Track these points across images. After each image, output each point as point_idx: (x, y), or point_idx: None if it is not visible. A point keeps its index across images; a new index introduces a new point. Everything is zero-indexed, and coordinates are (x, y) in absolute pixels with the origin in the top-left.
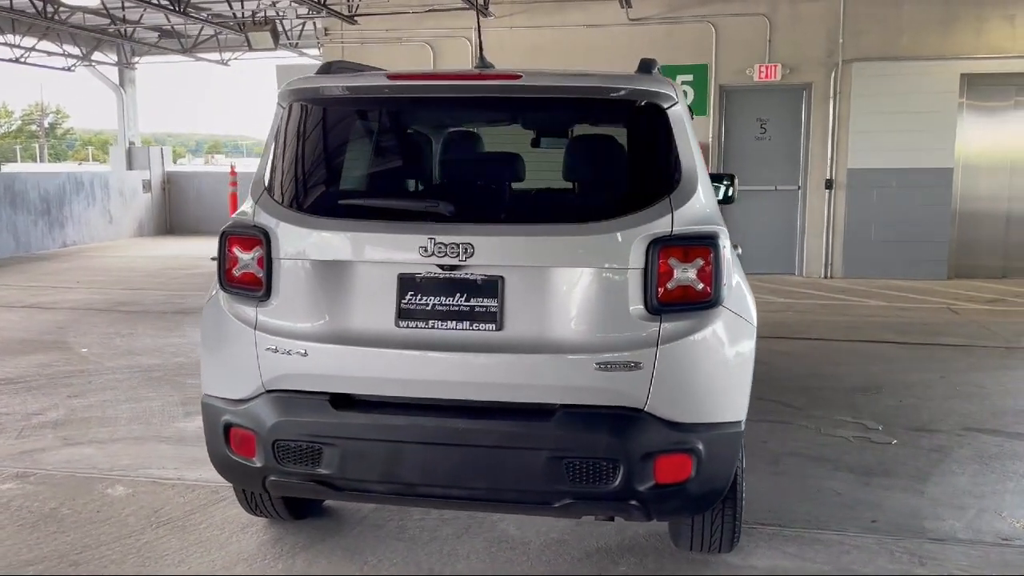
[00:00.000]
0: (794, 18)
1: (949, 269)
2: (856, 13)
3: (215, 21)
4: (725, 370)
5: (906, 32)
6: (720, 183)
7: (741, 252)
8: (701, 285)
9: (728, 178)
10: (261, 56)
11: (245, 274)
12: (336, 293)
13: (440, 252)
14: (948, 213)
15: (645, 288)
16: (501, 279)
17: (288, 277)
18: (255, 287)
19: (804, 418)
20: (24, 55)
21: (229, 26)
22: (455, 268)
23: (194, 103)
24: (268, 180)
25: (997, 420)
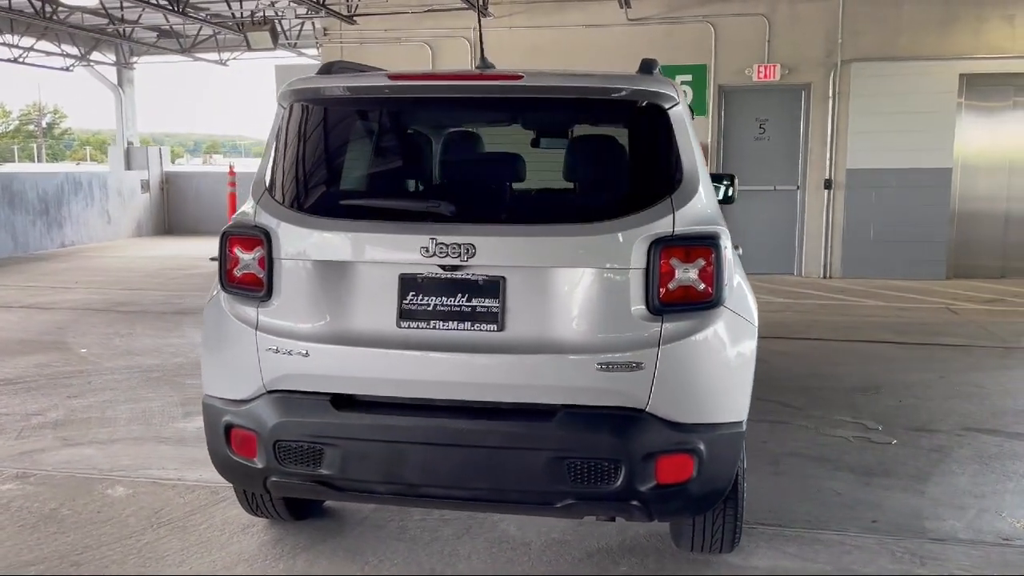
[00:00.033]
0: (793, 18)
1: (948, 269)
2: (855, 13)
3: (214, 21)
4: (726, 370)
5: (905, 32)
6: (720, 183)
7: (742, 252)
8: (702, 285)
9: (728, 178)
10: (260, 56)
11: (246, 274)
12: (337, 293)
13: (442, 252)
14: (947, 213)
15: (647, 288)
16: (503, 279)
17: (289, 277)
18: (256, 287)
19: (804, 418)
20: (23, 55)
21: (228, 26)
22: (456, 268)
23: (192, 103)
24: (269, 180)
25: (997, 420)
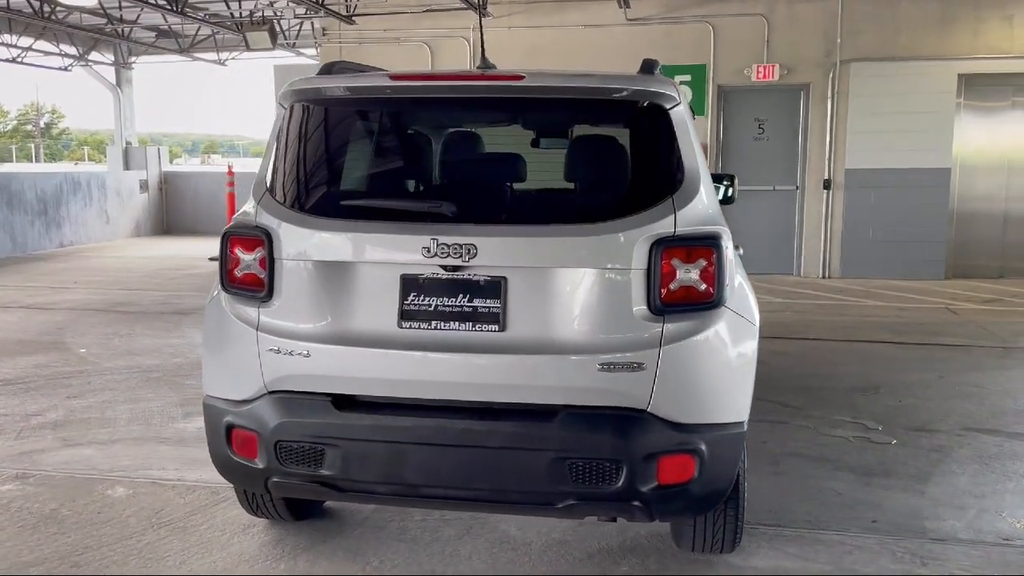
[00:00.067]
0: (792, 18)
1: (947, 269)
2: (854, 13)
3: (212, 21)
4: (728, 371)
5: (904, 32)
6: (720, 183)
7: (742, 252)
8: (704, 286)
9: (728, 178)
10: (258, 56)
11: (247, 275)
12: (338, 294)
13: (443, 253)
14: (945, 213)
15: (648, 289)
16: (504, 280)
17: (290, 278)
18: (257, 288)
19: (803, 418)
20: (21, 55)
21: (226, 26)
22: (458, 269)
23: (190, 103)
24: (270, 181)
25: (996, 420)
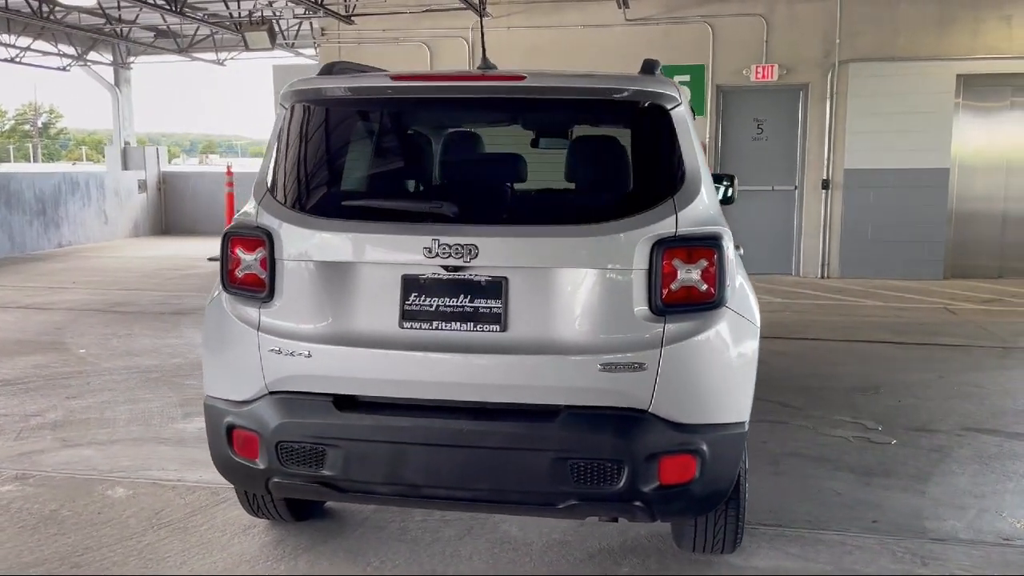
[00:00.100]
0: (791, 19)
1: (945, 269)
2: (852, 14)
3: (211, 21)
4: (729, 371)
5: (902, 33)
6: (720, 184)
7: (743, 253)
8: (705, 286)
9: (728, 179)
10: (257, 56)
11: (248, 275)
12: (340, 294)
13: (444, 253)
14: (944, 213)
15: (649, 289)
16: (505, 280)
17: (291, 278)
18: (258, 288)
19: (803, 418)
20: (19, 55)
21: (225, 26)
22: (459, 269)
23: (188, 103)
24: (271, 181)
25: (996, 420)
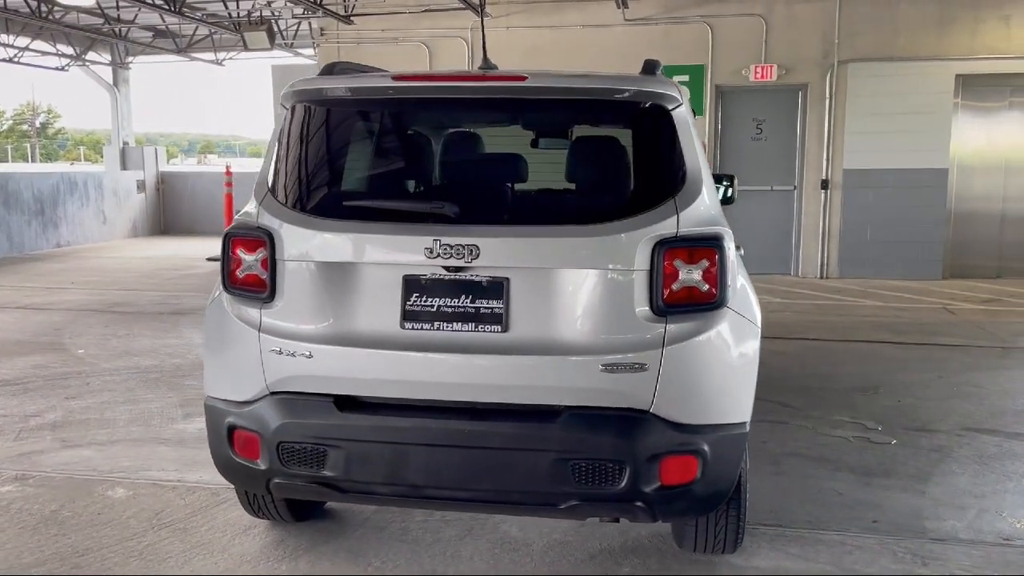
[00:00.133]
0: (790, 19)
1: (944, 269)
2: (852, 14)
3: (210, 21)
4: (730, 371)
5: (902, 33)
6: (720, 184)
7: (743, 253)
8: (706, 286)
9: (728, 179)
10: (256, 56)
11: (249, 276)
12: (341, 295)
13: (446, 254)
14: (943, 213)
15: (650, 289)
16: (507, 280)
17: (292, 279)
18: (259, 289)
19: (803, 418)
20: (18, 55)
21: (224, 26)
22: (460, 270)
23: (187, 103)
24: (272, 181)
25: (996, 420)
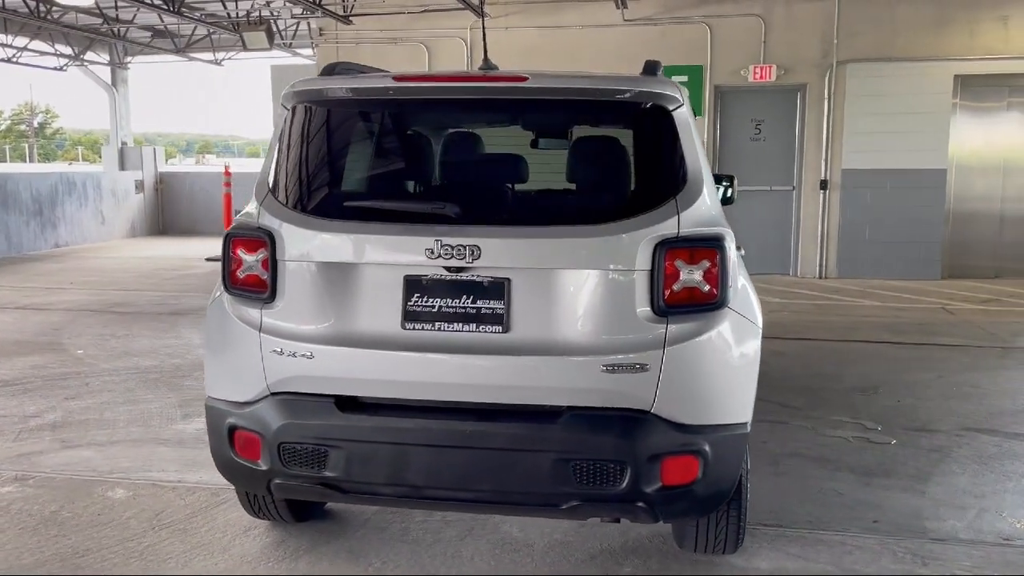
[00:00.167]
0: (789, 19)
1: (943, 269)
2: (850, 14)
3: (209, 21)
4: (731, 371)
5: (900, 33)
6: (720, 184)
7: (744, 253)
8: (707, 287)
9: (728, 179)
10: (255, 56)
11: (250, 276)
12: (342, 295)
13: (447, 254)
14: (942, 213)
15: (652, 290)
16: (508, 281)
17: (293, 279)
18: (260, 289)
19: (803, 418)
20: (16, 55)
21: (223, 26)
22: (462, 270)
23: (185, 103)
24: (272, 182)
25: (995, 420)
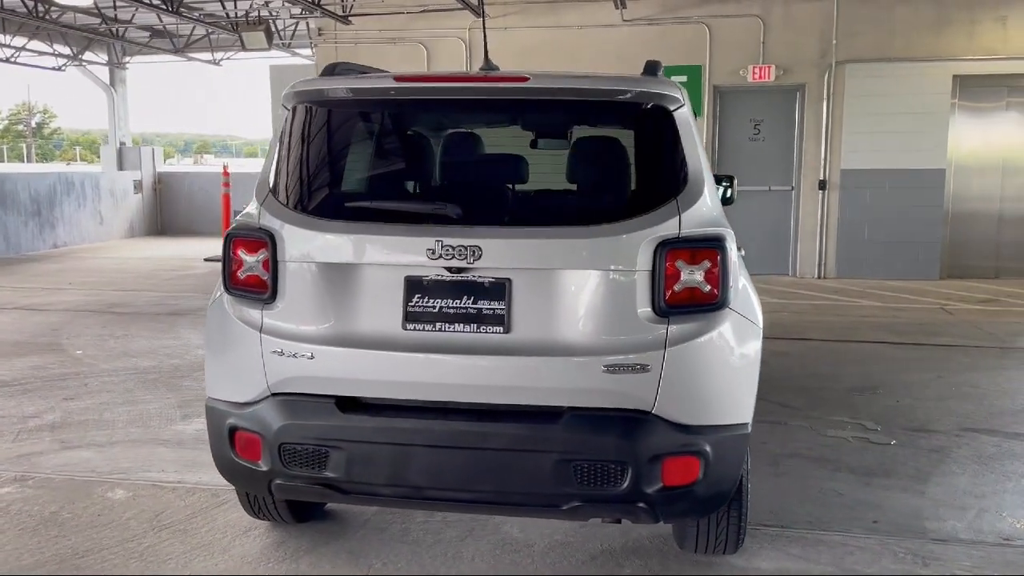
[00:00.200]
0: (788, 19)
1: (942, 269)
2: (849, 15)
3: (207, 21)
4: (732, 372)
5: (899, 34)
6: (720, 184)
7: (744, 254)
8: (708, 287)
9: (728, 179)
10: (253, 56)
11: (250, 276)
12: (342, 296)
13: (448, 254)
14: (940, 213)
15: (653, 290)
16: (509, 281)
17: (294, 280)
18: (260, 290)
19: (803, 419)
20: (14, 55)
21: (221, 26)
22: (463, 271)
23: (184, 103)
24: (273, 182)
25: (995, 420)
